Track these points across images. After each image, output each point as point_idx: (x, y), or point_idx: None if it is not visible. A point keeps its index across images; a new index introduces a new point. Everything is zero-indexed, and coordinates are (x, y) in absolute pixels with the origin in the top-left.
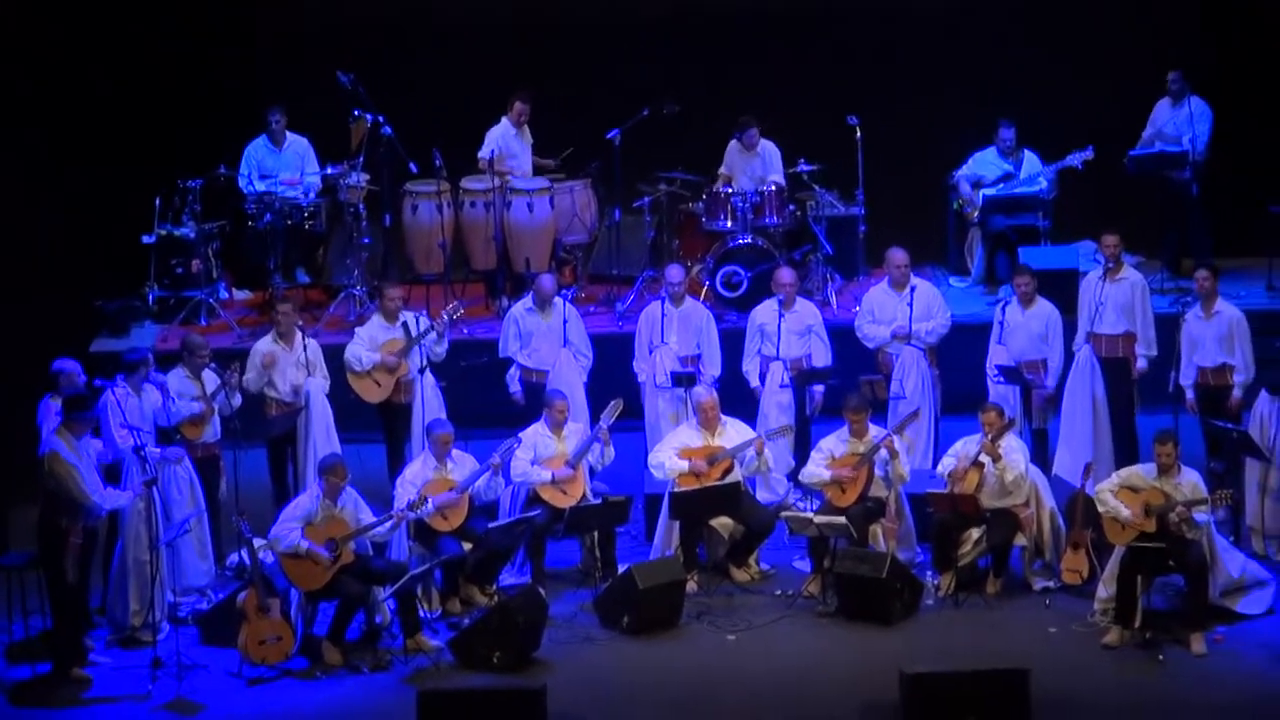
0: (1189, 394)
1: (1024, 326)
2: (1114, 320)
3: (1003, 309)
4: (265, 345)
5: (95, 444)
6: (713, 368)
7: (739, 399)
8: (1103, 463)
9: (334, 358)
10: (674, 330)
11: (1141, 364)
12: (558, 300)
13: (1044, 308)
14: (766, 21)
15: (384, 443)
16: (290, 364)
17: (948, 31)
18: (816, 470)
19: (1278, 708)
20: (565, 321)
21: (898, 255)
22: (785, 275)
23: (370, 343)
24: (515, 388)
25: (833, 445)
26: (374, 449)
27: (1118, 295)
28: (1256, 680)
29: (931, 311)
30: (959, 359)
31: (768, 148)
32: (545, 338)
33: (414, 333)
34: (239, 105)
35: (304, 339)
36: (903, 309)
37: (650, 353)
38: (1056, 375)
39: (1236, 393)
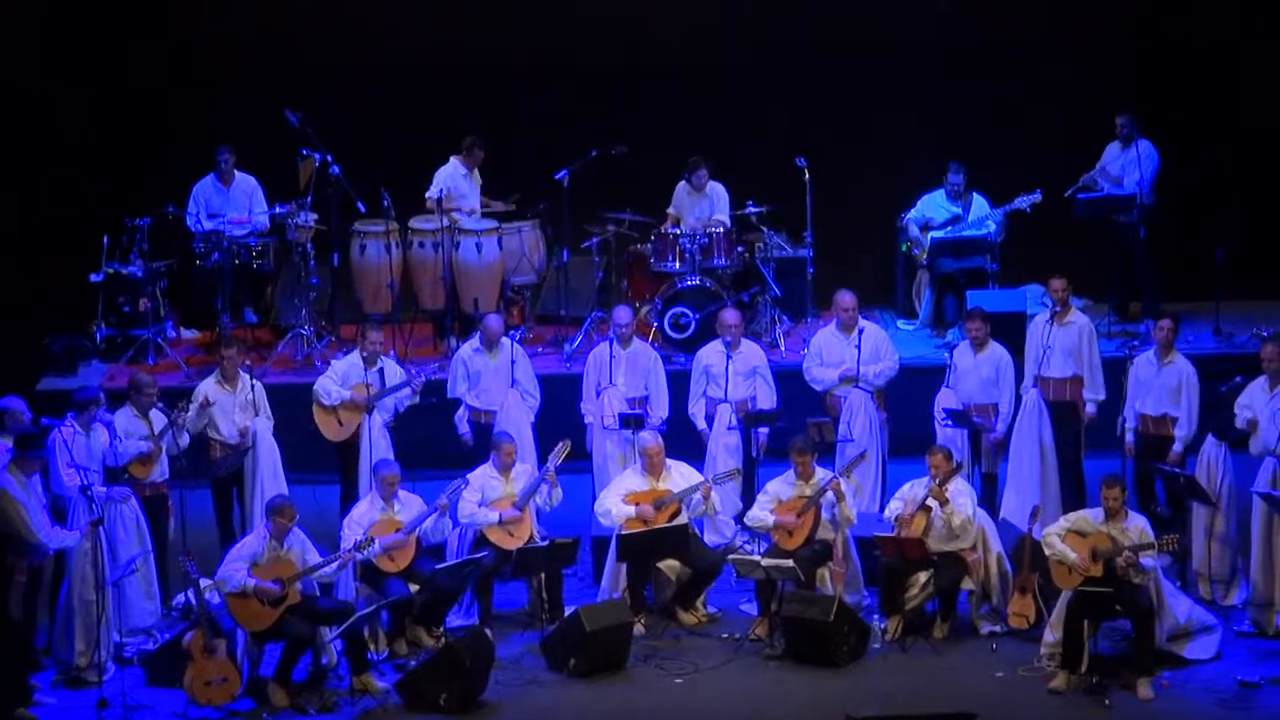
0: (1129, 437)
1: (974, 370)
2: (1062, 364)
3: (953, 352)
4: (206, 387)
5: None
6: (660, 409)
7: (688, 441)
8: (1050, 507)
9: (281, 397)
10: (622, 372)
11: (1090, 409)
12: (505, 341)
13: (995, 352)
14: (715, 63)
15: (339, 482)
16: (235, 406)
17: (897, 74)
18: (761, 514)
19: None
20: (513, 362)
21: (845, 298)
22: (730, 316)
23: (344, 380)
24: (464, 428)
25: (779, 488)
26: (327, 489)
27: (1065, 339)
28: None
29: (880, 354)
30: (907, 402)
31: (716, 189)
32: (493, 378)
33: (387, 383)
34: (187, 144)
35: (250, 380)
36: (850, 351)
37: (598, 394)
38: (1007, 420)
39: (1177, 446)
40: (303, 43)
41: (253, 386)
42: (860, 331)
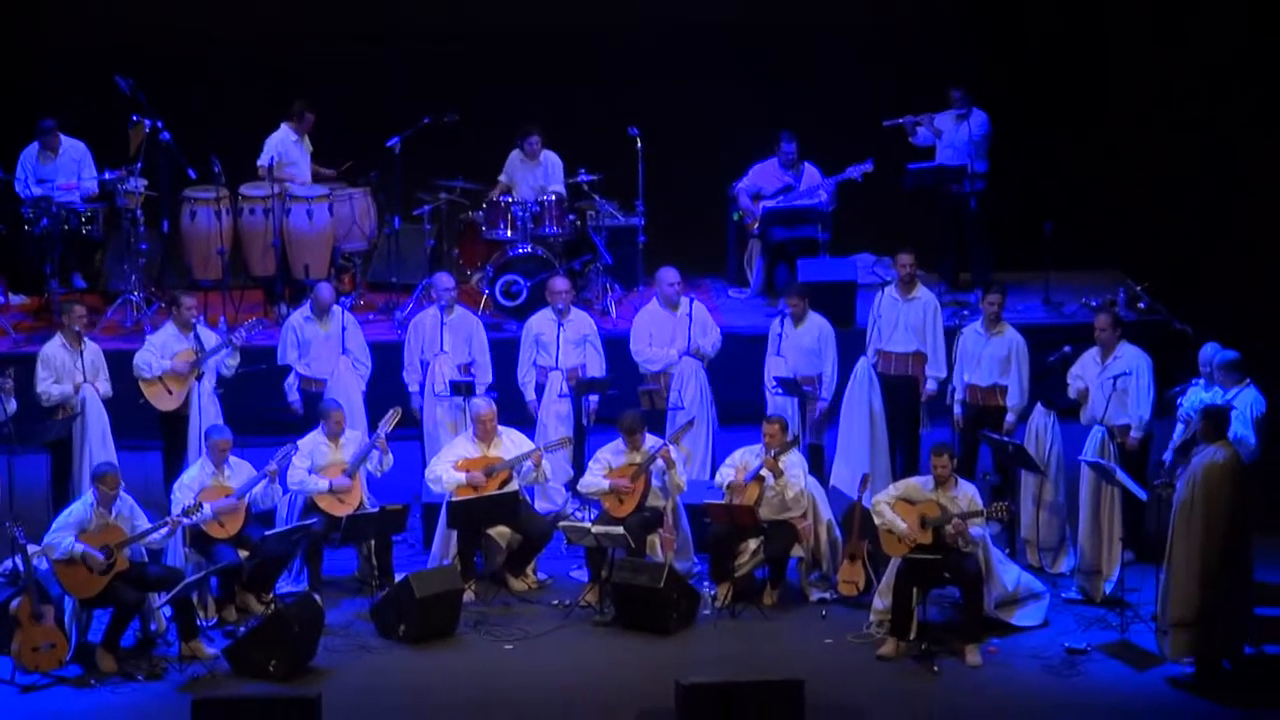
0: (957, 409)
1: (795, 341)
2: (905, 339)
3: (781, 321)
4: (53, 348)
5: None
6: (484, 375)
7: (518, 407)
8: (880, 475)
9: (109, 363)
10: (448, 339)
11: (931, 385)
12: (336, 309)
13: (815, 322)
14: (548, 31)
15: (162, 449)
16: (76, 367)
17: (730, 43)
18: (595, 480)
19: (1050, 719)
20: (344, 330)
21: (670, 274)
22: (559, 284)
23: (163, 350)
24: (294, 396)
25: (610, 456)
26: (157, 456)
27: (910, 315)
28: (1030, 692)
29: (707, 328)
30: (739, 370)
31: (550, 157)
32: (323, 346)
33: (207, 346)
34: (15, 108)
35: (84, 343)
36: (681, 327)
37: (422, 362)
38: (830, 388)
39: (1010, 417)
40: (134, 7)
41: (82, 352)
42: (670, 305)
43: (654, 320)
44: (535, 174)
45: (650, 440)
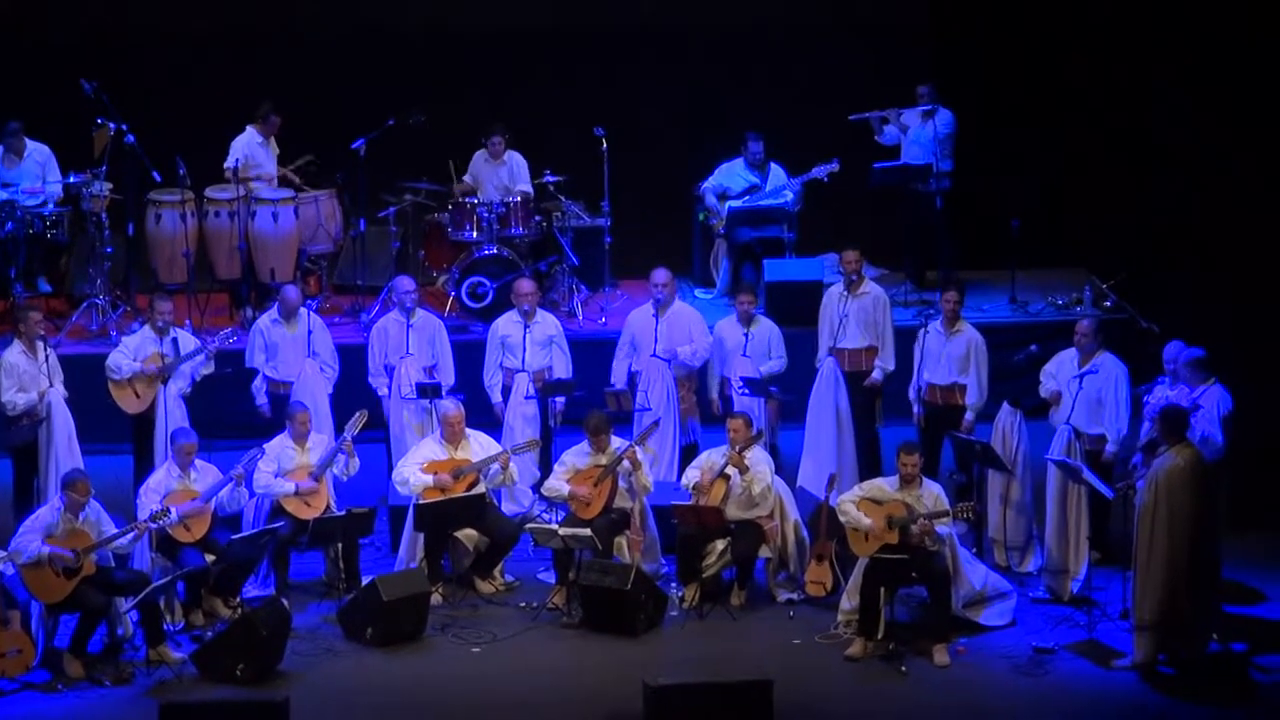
0: (916, 408)
1: (752, 342)
2: (856, 335)
3: (746, 321)
4: (13, 356)
5: None
6: (447, 377)
7: (485, 410)
8: (846, 475)
9: (75, 367)
10: (413, 341)
11: (876, 375)
12: (303, 311)
13: (766, 324)
14: (513, 32)
15: (132, 453)
16: (37, 372)
17: (695, 44)
18: (556, 484)
19: (1019, 718)
20: (310, 332)
21: (658, 275)
22: (525, 285)
23: (136, 353)
24: (261, 400)
25: (575, 459)
26: (123, 460)
27: (859, 310)
28: (998, 691)
29: (693, 335)
30: (702, 371)
31: (515, 157)
32: (290, 349)
33: (181, 351)
34: None
35: (45, 348)
36: (662, 330)
37: (387, 366)
38: (774, 370)
39: (969, 415)
40: (97, 9)
41: (48, 356)
42: (657, 307)
43: (638, 321)
44: (500, 174)
45: (617, 442)
